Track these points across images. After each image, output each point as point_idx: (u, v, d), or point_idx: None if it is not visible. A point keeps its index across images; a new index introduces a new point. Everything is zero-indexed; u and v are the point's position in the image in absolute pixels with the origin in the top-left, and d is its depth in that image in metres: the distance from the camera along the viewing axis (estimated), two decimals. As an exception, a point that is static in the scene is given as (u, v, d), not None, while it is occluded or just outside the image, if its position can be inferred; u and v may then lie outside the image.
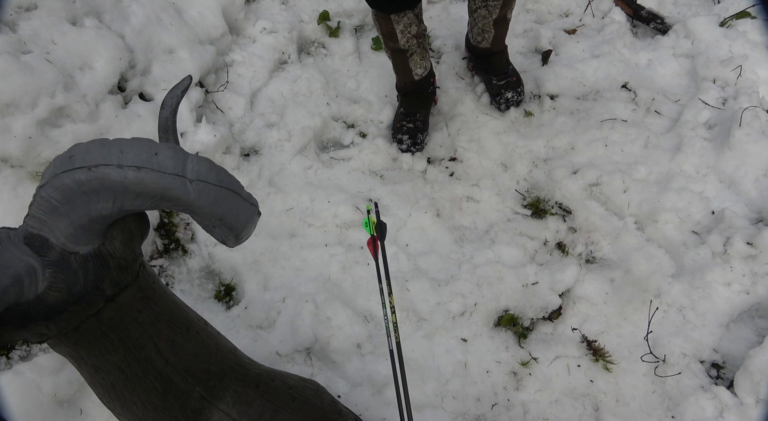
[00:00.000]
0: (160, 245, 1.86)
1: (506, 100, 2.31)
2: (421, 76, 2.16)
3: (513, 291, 1.86)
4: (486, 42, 2.21)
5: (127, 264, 0.85)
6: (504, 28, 2.18)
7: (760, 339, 1.73)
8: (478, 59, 2.37)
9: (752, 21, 2.54)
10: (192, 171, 0.73)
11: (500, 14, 2.05)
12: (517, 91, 2.32)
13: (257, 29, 2.43)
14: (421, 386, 1.65)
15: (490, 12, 2.05)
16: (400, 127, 2.24)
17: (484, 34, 2.18)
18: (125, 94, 1.98)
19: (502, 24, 2.14)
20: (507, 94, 2.31)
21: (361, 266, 1.88)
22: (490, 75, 2.34)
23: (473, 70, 2.46)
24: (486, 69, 2.36)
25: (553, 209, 2.08)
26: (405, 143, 2.22)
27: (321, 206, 2.01)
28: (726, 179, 2.08)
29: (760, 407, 1.56)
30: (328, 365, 1.70)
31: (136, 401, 0.93)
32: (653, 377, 1.70)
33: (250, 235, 0.87)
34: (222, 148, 2.04)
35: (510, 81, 2.32)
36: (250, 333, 1.72)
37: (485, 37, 2.20)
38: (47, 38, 1.79)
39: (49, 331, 0.81)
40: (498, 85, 2.32)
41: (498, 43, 2.24)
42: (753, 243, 1.82)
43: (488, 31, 2.16)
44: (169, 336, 0.93)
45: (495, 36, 2.18)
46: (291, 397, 1.10)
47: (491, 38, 2.19)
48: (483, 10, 2.06)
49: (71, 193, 0.71)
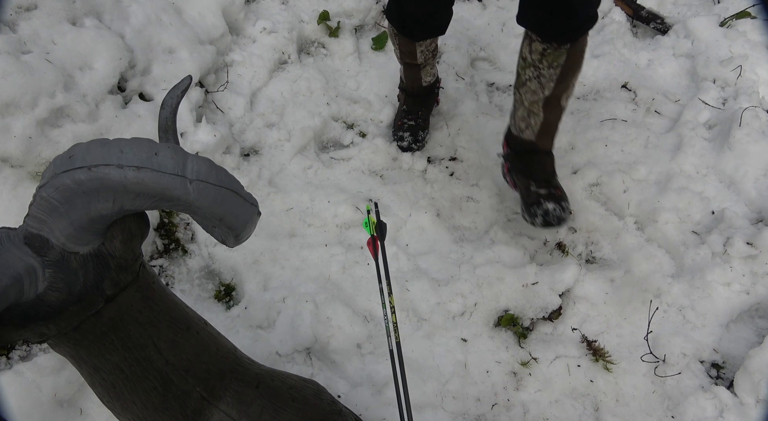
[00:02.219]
0: (160, 245, 1.86)
1: (545, 213, 1.77)
2: (429, 82, 2.17)
3: (513, 291, 1.86)
4: (530, 131, 1.79)
5: (127, 264, 0.85)
6: (555, 115, 1.76)
7: (760, 339, 1.73)
8: (516, 157, 1.89)
9: (752, 21, 2.54)
10: (192, 171, 0.73)
11: (554, 93, 1.67)
12: (561, 205, 1.78)
13: (257, 29, 2.43)
14: (421, 386, 1.65)
15: (543, 86, 1.66)
16: (402, 125, 2.22)
17: (530, 118, 1.76)
18: (125, 94, 1.98)
19: (554, 108, 1.73)
20: (547, 205, 1.77)
21: (361, 266, 1.88)
22: (528, 179, 1.84)
23: (508, 173, 1.94)
24: (524, 171, 1.86)
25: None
26: (406, 140, 2.21)
27: (321, 206, 2.01)
28: (726, 179, 2.08)
29: (760, 407, 1.56)
30: (328, 365, 1.70)
31: (136, 401, 0.93)
32: (653, 377, 1.70)
33: (250, 235, 0.87)
34: (222, 148, 2.04)
35: (552, 192, 1.82)
36: (250, 333, 1.72)
37: (530, 124, 1.78)
38: (47, 38, 1.79)
39: (49, 331, 0.81)
40: (537, 192, 1.81)
41: (545, 138, 1.82)
42: (753, 243, 1.82)
43: (535, 115, 1.75)
44: (169, 336, 0.93)
45: (543, 123, 1.75)
46: (291, 397, 1.10)
47: (538, 127, 1.77)
48: (534, 83, 1.67)
49: (71, 193, 0.71)
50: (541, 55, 1.60)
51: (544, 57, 1.60)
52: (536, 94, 1.69)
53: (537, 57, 1.61)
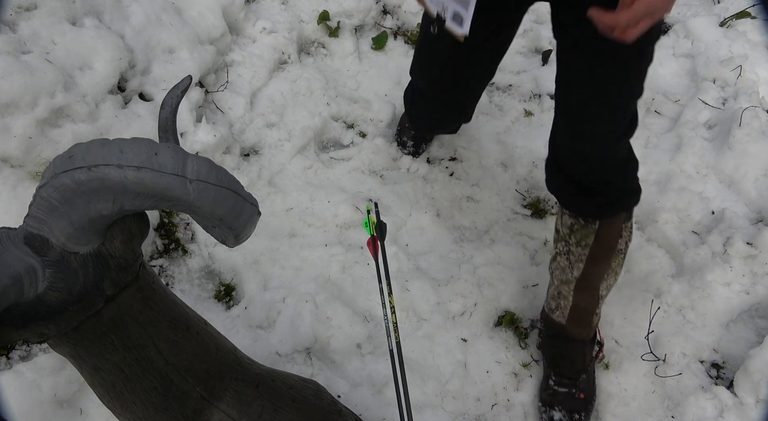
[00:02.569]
0: (160, 245, 1.86)
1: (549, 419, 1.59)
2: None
3: (513, 291, 1.86)
4: (561, 314, 1.55)
5: (127, 264, 0.85)
6: (589, 303, 1.51)
7: (760, 339, 1.73)
8: (547, 338, 1.65)
9: (752, 21, 2.54)
10: (192, 171, 0.73)
11: (585, 276, 1.44)
12: (572, 418, 1.56)
13: (257, 29, 2.43)
14: (421, 386, 1.65)
15: (572, 265, 1.44)
16: (406, 130, 2.20)
17: (560, 299, 1.54)
18: (125, 94, 1.98)
19: (587, 295, 1.49)
20: (553, 415, 1.58)
21: (361, 266, 1.88)
22: (550, 369, 1.61)
23: (540, 347, 1.70)
24: (550, 358, 1.62)
25: (553, 209, 2.08)
26: (408, 148, 2.20)
27: (321, 206, 2.01)
28: (726, 179, 2.08)
29: (760, 407, 1.56)
30: (328, 365, 1.70)
31: (136, 401, 0.93)
32: (653, 377, 1.69)
33: (250, 235, 0.87)
34: (222, 148, 2.04)
35: (573, 394, 1.57)
36: (250, 333, 1.72)
37: (560, 306, 1.55)
38: (47, 38, 1.79)
39: (49, 331, 0.81)
40: (554, 390, 1.59)
41: (579, 326, 1.55)
42: (753, 243, 1.83)
43: (564, 298, 1.52)
44: (169, 336, 0.93)
45: (573, 309, 1.51)
46: (291, 397, 1.10)
47: (567, 311, 1.53)
48: (563, 259, 1.46)
49: (71, 193, 0.71)
50: (570, 229, 1.42)
51: (572, 232, 1.41)
52: (565, 273, 1.48)
53: (566, 231, 1.43)
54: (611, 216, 1.38)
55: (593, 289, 1.49)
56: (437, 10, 1.21)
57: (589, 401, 1.59)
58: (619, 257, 1.46)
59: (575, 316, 1.54)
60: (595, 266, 1.45)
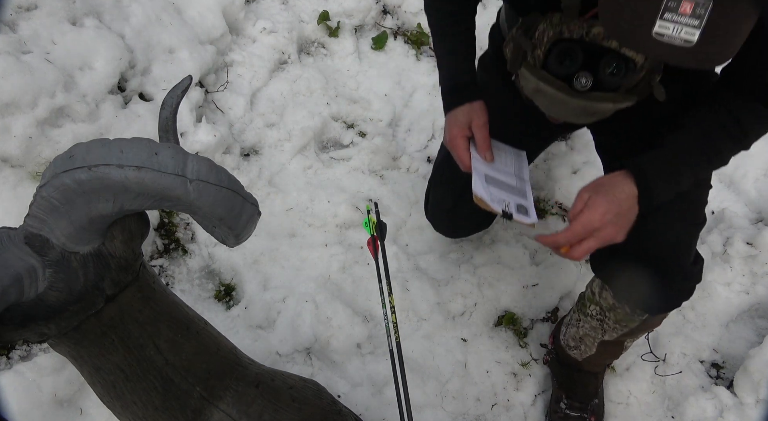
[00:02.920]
0: (160, 245, 1.86)
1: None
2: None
3: (513, 291, 1.86)
4: (578, 354, 1.53)
5: (127, 264, 0.85)
6: (612, 354, 1.51)
7: (760, 339, 1.73)
8: (558, 364, 1.64)
9: (752, 21, 2.54)
10: (192, 171, 0.73)
11: (617, 340, 1.42)
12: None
13: (257, 29, 2.43)
14: (421, 386, 1.65)
15: (604, 331, 1.40)
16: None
17: (581, 345, 1.51)
18: (125, 94, 1.98)
19: (611, 349, 1.48)
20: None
21: (361, 266, 1.88)
22: (561, 392, 1.60)
23: (547, 363, 1.72)
24: (561, 382, 1.61)
25: (553, 209, 2.08)
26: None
27: (321, 206, 2.01)
28: (726, 179, 2.08)
29: (760, 407, 1.56)
30: (328, 365, 1.70)
31: (137, 400, 0.93)
32: (653, 377, 1.70)
33: (250, 235, 0.87)
34: (222, 148, 2.04)
35: (585, 419, 1.56)
36: (250, 333, 1.72)
37: (579, 349, 1.52)
38: (47, 38, 1.79)
39: (50, 331, 0.81)
40: (565, 414, 1.57)
41: (595, 365, 1.55)
42: (753, 243, 1.83)
43: (587, 347, 1.50)
44: (169, 336, 0.93)
45: (593, 356, 1.51)
46: (291, 397, 1.10)
47: (586, 356, 1.52)
48: (594, 322, 1.41)
49: (71, 192, 0.71)
50: (611, 307, 1.32)
51: (612, 311, 1.33)
52: (595, 332, 1.43)
53: (606, 305, 1.34)
54: (665, 312, 1.29)
55: (620, 345, 1.47)
56: (501, 207, 1.20)
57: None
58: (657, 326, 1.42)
59: (593, 360, 1.53)
60: (630, 335, 1.41)
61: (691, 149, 1.06)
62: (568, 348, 1.55)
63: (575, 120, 1.14)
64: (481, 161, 1.28)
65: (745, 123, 1.05)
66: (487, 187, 1.22)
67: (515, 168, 1.33)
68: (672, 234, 1.15)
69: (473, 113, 1.28)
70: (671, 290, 1.21)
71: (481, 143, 1.27)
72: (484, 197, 1.18)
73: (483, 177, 1.25)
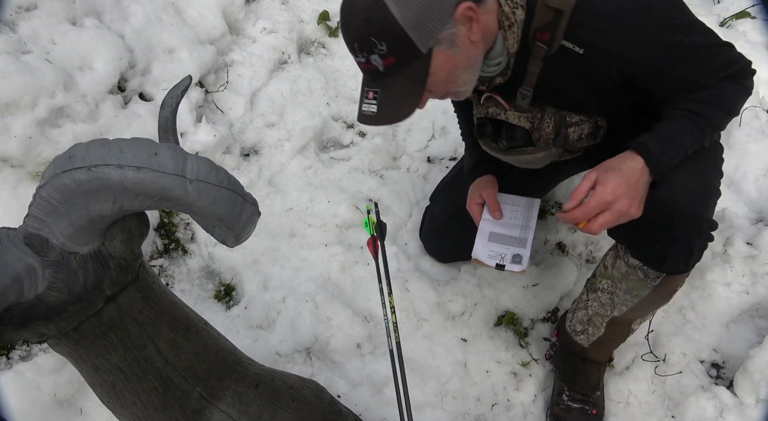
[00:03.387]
0: (160, 245, 1.86)
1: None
2: None
3: (513, 291, 1.86)
4: (585, 338, 1.57)
5: (127, 264, 0.85)
6: (618, 335, 1.55)
7: (760, 339, 1.73)
8: (562, 354, 1.66)
9: (752, 21, 2.54)
10: (192, 171, 0.73)
11: (625, 316, 1.47)
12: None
13: (257, 29, 2.43)
14: (421, 386, 1.65)
15: (613, 305, 1.46)
16: None
17: (588, 327, 1.55)
18: (125, 94, 1.98)
19: (619, 329, 1.53)
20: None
21: (361, 266, 1.88)
22: (564, 384, 1.62)
23: (550, 358, 1.73)
24: (564, 374, 1.64)
25: (553, 209, 2.08)
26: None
27: (321, 206, 2.01)
28: (726, 179, 2.07)
29: (760, 407, 1.56)
30: (328, 365, 1.70)
31: (136, 400, 0.93)
32: (654, 377, 1.69)
33: (250, 235, 0.87)
34: (222, 148, 2.04)
35: (586, 410, 1.58)
36: (250, 333, 1.72)
37: (587, 332, 1.56)
38: (47, 38, 1.79)
39: (49, 331, 0.81)
40: (567, 405, 1.59)
41: (599, 351, 1.59)
42: (753, 243, 1.82)
43: (596, 327, 1.54)
44: (169, 336, 0.93)
45: (601, 338, 1.55)
46: (291, 397, 1.10)
47: (594, 338, 1.56)
48: (605, 296, 1.46)
49: (71, 193, 0.71)
50: (623, 276, 1.39)
51: (624, 278, 1.39)
52: (604, 309, 1.48)
53: (617, 274, 1.40)
54: (687, 271, 1.34)
55: (627, 324, 1.51)
56: (496, 262, 1.48)
57: (600, 416, 1.60)
58: (666, 303, 1.47)
59: (600, 343, 1.57)
60: (638, 311, 1.46)
61: (682, 123, 1.20)
62: (575, 334, 1.59)
63: (531, 166, 1.44)
64: (490, 220, 1.56)
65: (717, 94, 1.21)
66: (487, 245, 1.51)
67: (524, 218, 1.55)
68: (688, 193, 1.22)
69: (482, 184, 1.59)
70: (687, 246, 1.26)
71: (490, 205, 1.56)
72: (480, 258, 1.50)
73: (487, 236, 1.53)
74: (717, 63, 1.21)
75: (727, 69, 1.22)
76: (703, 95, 1.20)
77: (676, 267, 1.30)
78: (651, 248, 1.29)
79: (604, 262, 1.48)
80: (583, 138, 1.37)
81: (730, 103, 1.23)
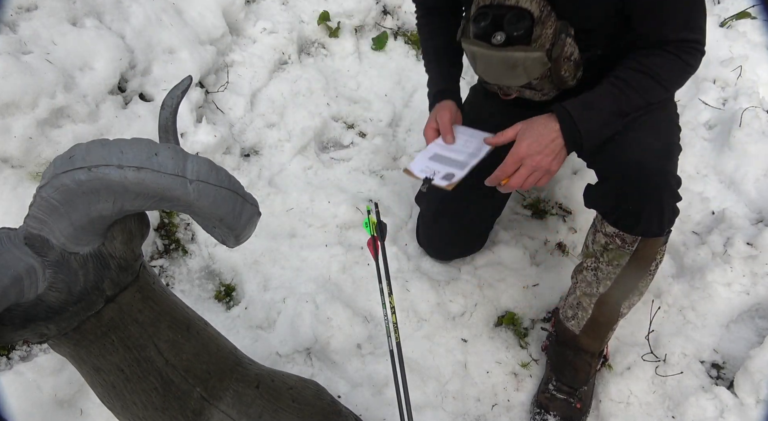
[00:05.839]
0: (160, 246, 1.86)
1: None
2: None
3: (513, 291, 1.86)
4: (576, 324, 1.57)
5: (127, 264, 0.85)
6: (607, 318, 1.53)
7: (760, 339, 1.73)
8: (555, 343, 1.66)
9: (752, 21, 2.55)
10: (192, 171, 0.73)
11: (611, 293, 1.47)
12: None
13: (257, 29, 2.43)
14: (421, 386, 1.65)
15: (598, 281, 1.47)
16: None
17: (578, 310, 1.56)
18: (125, 94, 1.98)
19: (606, 310, 1.51)
20: (549, 419, 1.59)
21: (361, 266, 1.88)
22: (552, 373, 1.64)
23: (545, 350, 1.74)
24: (554, 363, 1.65)
25: (553, 209, 2.08)
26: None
27: (321, 207, 2.01)
28: (726, 179, 2.08)
29: (760, 408, 1.56)
30: (328, 365, 1.70)
31: (137, 401, 0.93)
32: (654, 377, 1.69)
33: (250, 235, 0.87)
34: (222, 149, 2.04)
35: (570, 402, 1.58)
36: (250, 333, 1.72)
37: (577, 316, 1.56)
38: (47, 38, 1.79)
39: (49, 331, 0.81)
40: (551, 395, 1.60)
41: (592, 338, 1.57)
42: (753, 243, 1.82)
43: (584, 310, 1.54)
44: (170, 336, 0.93)
45: (590, 321, 1.54)
46: (291, 397, 1.10)
47: (584, 322, 1.55)
48: (590, 274, 1.49)
49: (71, 193, 0.71)
50: (603, 248, 1.42)
51: (605, 251, 1.42)
52: (590, 287, 1.50)
53: (598, 248, 1.44)
54: (660, 233, 1.37)
55: (615, 305, 1.51)
56: (426, 175, 1.43)
57: (584, 412, 1.60)
58: (647, 279, 1.47)
59: (590, 328, 1.56)
60: (622, 286, 1.46)
61: (608, 89, 1.29)
62: (566, 320, 1.60)
63: (508, 81, 1.41)
64: (441, 144, 1.52)
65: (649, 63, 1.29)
66: (426, 162, 1.45)
67: (475, 148, 1.49)
68: (651, 151, 1.30)
69: (440, 108, 1.58)
70: (659, 202, 1.31)
71: (442, 129, 1.53)
72: (413, 171, 1.44)
73: (429, 155, 1.48)
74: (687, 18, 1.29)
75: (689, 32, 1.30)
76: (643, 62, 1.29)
77: (650, 227, 1.34)
78: (624, 210, 1.34)
79: (585, 242, 1.51)
80: (572, 60, 1.35)
81: (665, 75, 1.30)
